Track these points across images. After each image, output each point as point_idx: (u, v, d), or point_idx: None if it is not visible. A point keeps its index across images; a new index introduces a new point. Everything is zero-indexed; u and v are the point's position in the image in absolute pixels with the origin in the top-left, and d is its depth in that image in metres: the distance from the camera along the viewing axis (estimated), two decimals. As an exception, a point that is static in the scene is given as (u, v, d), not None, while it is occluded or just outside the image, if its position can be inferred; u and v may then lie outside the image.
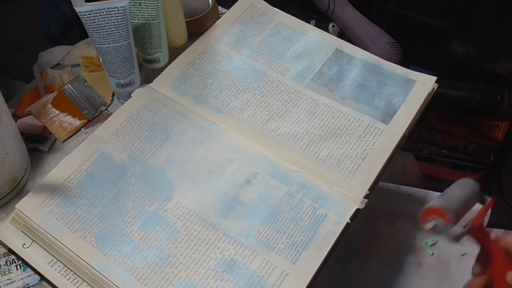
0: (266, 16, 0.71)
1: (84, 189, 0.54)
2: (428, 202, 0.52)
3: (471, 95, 1.03)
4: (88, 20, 0.55)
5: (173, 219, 0.53)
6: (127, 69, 0.61)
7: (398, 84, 0.64)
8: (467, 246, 0.72)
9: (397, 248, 0.73)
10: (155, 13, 0.59)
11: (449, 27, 1.08)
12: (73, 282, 0.50)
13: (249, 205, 0.54)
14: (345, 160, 0.57)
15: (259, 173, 0.56)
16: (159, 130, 0.59)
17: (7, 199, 0.57)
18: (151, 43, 0.62)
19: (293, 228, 0.52)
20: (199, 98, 0.62)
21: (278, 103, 0.62)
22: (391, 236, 0.75)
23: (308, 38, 0.68)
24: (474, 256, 0.51)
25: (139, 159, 0.57)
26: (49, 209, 0.53)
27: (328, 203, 0.54)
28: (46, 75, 0.69)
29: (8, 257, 0.54)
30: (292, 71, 0.65)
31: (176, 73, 0.64)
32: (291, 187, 0.55)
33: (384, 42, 1.12)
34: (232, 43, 0.68)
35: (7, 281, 0.53)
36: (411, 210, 0.58)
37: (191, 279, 0.49)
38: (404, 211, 0.78)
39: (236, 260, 0.50)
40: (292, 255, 0.50)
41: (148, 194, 0.54)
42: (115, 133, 0.59)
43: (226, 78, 0.64)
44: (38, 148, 0.62)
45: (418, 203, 0.78)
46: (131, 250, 0.50)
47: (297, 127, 0.60)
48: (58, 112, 0.64)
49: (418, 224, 0.50)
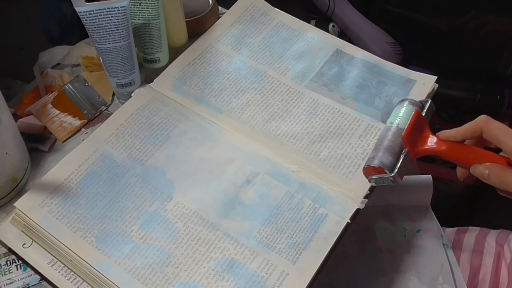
0: (266, 16, 0.71)
1: (84, 189, 0.54)
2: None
3: (471, 95, 1.03)
4: (88, 20, 0.55)
5: (173, 219, 0.53)
6: (127, 69, 0.61)
7: (398, 84, 0.64)
8: (421, 222, 0.73)
9: (354, 240, 0.72)
10: (155, 13, 0.59)
11: (449, 27, 1.08)
12: (73, 282, 0.50)
13: (250, 205, 0.54)
14: (345, 160, 0.57)
15: (259, 173, 0.56)
16: (159, 130, 0.59)
17: (7, 199, 0.57)
18: (151, 43, 0.62)
19: (294, 228, 0.52)
20: (199, 98, 0.62)
21: (278, 103, 0.62)
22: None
23: (308, 38, 0.68)
24: (429, 230, 0.50)
25: (139, 159, 0.57)
26: (49, 209, 0.53)
27: (328, 203, 0.54)
28: (46, 75, 0.69)
29: (8, 257, 0.54)
30: (292, 71, 0.65)
31: (176, 73, 0.64)
32: (291, 187, 0.55)
33: (384, 42, 1.12)
34: (232, 43, 0.68)
35: (7, 281, 0.53)
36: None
37: (191, 279, 0.49)
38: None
39: (236, 260, 0.50)
40: (293, 255, 0.50)
41: (148, 194, 0.54)
42: (115, 133, 0.59)
43: (226, 78, 0.64)
44: (38, 148, 0.62)
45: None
46: (131, 250, 0.50)
47: (297, 127, 0.60)
48: (58, 112, 0.64)
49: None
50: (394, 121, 0.52)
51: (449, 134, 0.50)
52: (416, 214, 0.74)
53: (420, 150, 0.50)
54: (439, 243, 0.71)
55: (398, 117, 0.52)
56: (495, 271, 0.70)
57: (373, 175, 0.50)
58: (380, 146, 0.50)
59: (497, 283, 0.70)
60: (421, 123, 0.51)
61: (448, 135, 0.50)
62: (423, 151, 0.50)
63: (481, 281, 0.70)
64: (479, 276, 0.71)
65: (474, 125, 0.49)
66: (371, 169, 0.50)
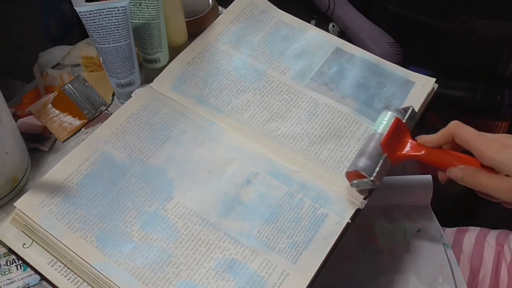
0: (266, 14, 0.70)
1: (84, 189, 0.54)
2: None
3: (471, 95, 1.03)
4: (88, 20, 0.55)
5: (174, 219, 0.53)
6: (127, 69, 0.61)
7: (397, 85, 0.64)
8: (421, 222, 0.73)
9: (354, 240, 0.72)
10: (155, 13, 0.59)
11: (449, 27, 1.08)
12: (73, 282, 0.50)
13: (250, 205, 0.54)
14: (344, 162, 0.57)
15: (259, 173, 0.56)
16: (160, 130, 0.59)
17: (7, 199, 0.57)
18: (151, 43, 0.62)
19: (294, 228, 0.52)
20: (199, 98, 0.62)
21: (278, 103, 0.62)
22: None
23: (307, 37, 0.68)
24: (429, 230, 0.51)
25: (140, 159, 0.57)
26: (49, 209, 0.53)
27: (328, 203, 0.54)
28: (46, 75, 0.69)
29: (8, 257, 0.54)
30: (292, 70, 0.65)
31: (176, 72, 0.64)
32: (291, 187, 0.55)
33: (384, 42, 1.12)
34: (232, 42, 0.68)
35: (7, 281, 0.53)
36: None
37: (191, 279, 0.49)
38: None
39: (236, 260, 0.50)
40: (293, 255, 0.50)
41: (149, 194, 0.54)
42: (115, 133, 0.59)
43: (226, 78, 0.64)
44: (38, 148, 0.62)
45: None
46: (131, 250, 0.50)
47: (298, 127, 0.60)
48: (58, 112, 0.64)
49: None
50: (377, 129, 0.54)
51: (426, 139, 0.52)
52: (416, 214, 0.74)
53: (399, 155, 0.52)
54: (439, 243, 0.71)
55: (381, 124, 0.54)
56: (495, 271, 0.70)
57: (354, 180, 0.53)
58: (362, 153, 0.53)
59: (497, 283, 0.70)
60: (401, 129, 0.53)
61: (425, 140, 0.52)
62: (402, 156, 0.52)
63: (481, 281, 0.70)
64: (479, 276, 0.71)
65: (446, 131, 0.51)
66: (353, 174, 0.53)
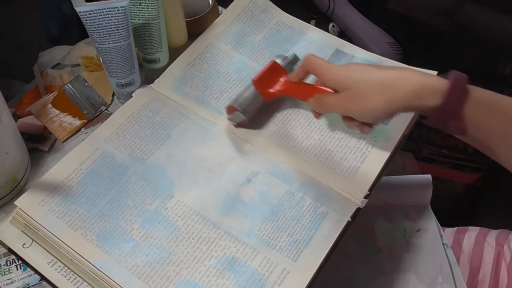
0: (266, 13, 0.70)
1: (85, 188, 0.54)
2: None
3: (471, 95, 1.02)
4: (88, 20, 0.55)
5: (174, 217, 0.53)
6: (127, 69, 0.61)
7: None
8: (420, 222, 0.73)
9: (354, 240, 0.72)
10: (155, 13, 0.59)
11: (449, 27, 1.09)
12: (73, 282, 0.50)
13: (250, 204, 0.54)
14: (344, 163, 0.57)
15: (260, 171, 0.56)
16: (160, 129, 0.59)
17: (7, 199, 0.57)
18: (151, 43, 0.62)
19: (294, 226, 0.52)
20: (200, 99, 0.62)
21: (278, 106, 0.62)
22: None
23: (308, 38, 0.68)
24: (428, 230, 0.52)
25: (140, 158, 0.57)
26: (50, 207, 0.53)
27: (328, 202, 0.54)
28: (46, 75, 0.69)
29: (8, 257, 0.54)
30: (292, 71, 0.65)
31: (177, 73, 0.64)
32: (292, 186, 0.55)
33: (384, 42, 1.12)
34: (232, 42, 0.67)
35: (7, 281, 0.53)
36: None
37: (192, 277, 0.49)
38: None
39: (237, 258, 0.50)
40: (293, 253, 0.50)
41: (149, 192, 0.54)
42: (116, 132, 0.59)
43: (227, 80, 0.64)
44: (38, 148, 0.62)
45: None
46: (132, 249, 0.50)
47: (298, 130, 0.60)
48: (58, 112, 0.64)
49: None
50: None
51: (290, 75, 0.58)
52: (415, 214, 0.74)
53: (269, 92, 0.59)
54: (438, 243, 0.71)
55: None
56: (495, 271, 0.70)
57: (231, 114, 0.59)
58: (242, 92, 0.59)
59: (497, 283, 0.70)
60: (276, 70, 0.59)
61: (291, 76, 0.58)
62: (272, 93, 0.59)
63: (481, 281, 0.70)
64: (479, 276, 0.71)
65: (303, 64, 0.55)
66: (231, 109, 0.58)
